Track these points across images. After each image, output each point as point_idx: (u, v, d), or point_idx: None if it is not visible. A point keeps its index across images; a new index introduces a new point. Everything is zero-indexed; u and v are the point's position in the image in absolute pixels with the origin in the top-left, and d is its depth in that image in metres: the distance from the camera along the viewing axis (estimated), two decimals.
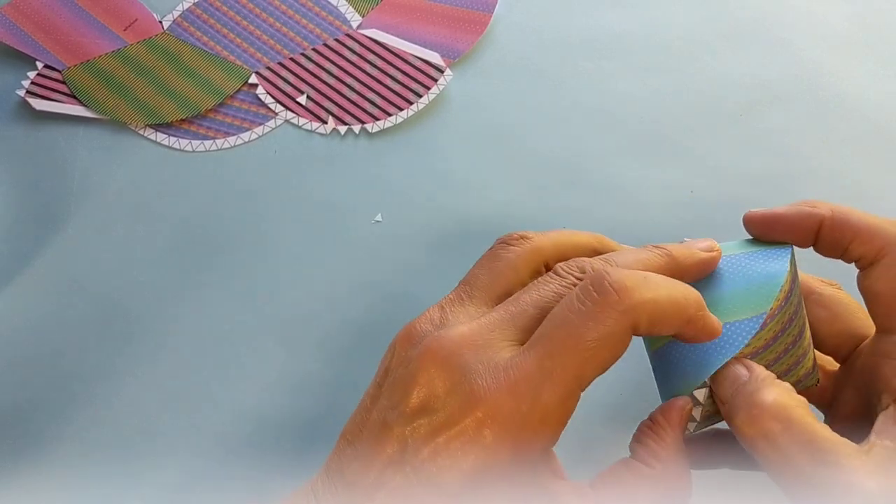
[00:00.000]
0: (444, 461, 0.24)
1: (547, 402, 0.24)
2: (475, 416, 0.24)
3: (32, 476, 0.37)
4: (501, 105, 0.49)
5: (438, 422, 0.25)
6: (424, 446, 0.25)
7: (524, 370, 0.24)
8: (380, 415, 0.26)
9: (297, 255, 0.44)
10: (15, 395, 0.39)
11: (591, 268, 0.27)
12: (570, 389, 0.24)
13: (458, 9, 0.53)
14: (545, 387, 0.24)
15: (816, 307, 0.31)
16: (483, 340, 0.26)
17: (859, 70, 0.51)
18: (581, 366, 0.24)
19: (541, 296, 0.27)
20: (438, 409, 0.25)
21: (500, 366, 0.25)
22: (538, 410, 0.24)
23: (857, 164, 0.47)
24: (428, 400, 0.25)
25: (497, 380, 0.24)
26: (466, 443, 0.24)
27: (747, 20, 0.53)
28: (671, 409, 0.28)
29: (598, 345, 0.24)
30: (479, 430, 0.24)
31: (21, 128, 0.48)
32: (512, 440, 0.24)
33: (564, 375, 0.24)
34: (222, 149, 0.48)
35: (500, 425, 0.24)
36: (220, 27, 0.53)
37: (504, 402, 0.24)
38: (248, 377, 0.40)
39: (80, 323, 0.42)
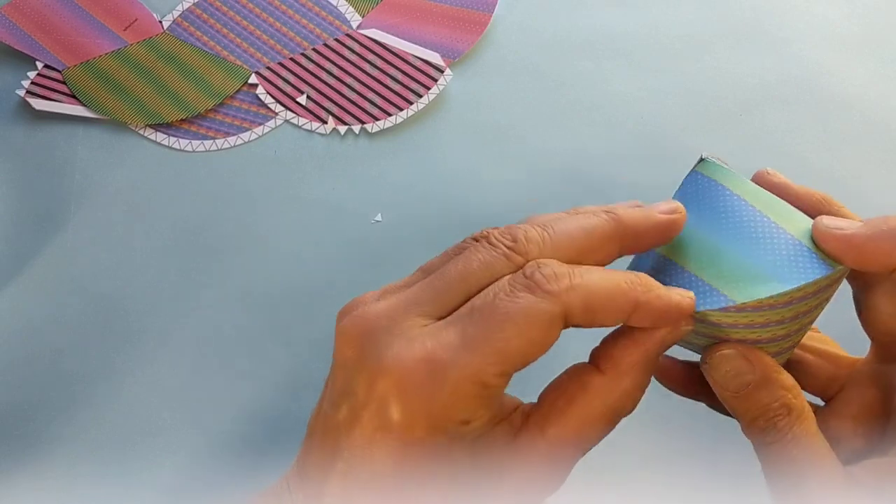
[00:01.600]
0: (368, 443, 0.23)
1: (464, 374, 0.23)
2: (382, 389, 0.23)
3: (32, 476, 0.37)
4: (501, 105, 0.49)
5: (357, 403, 0.24)
6: (352, 430, 0.24)
7: (441, 340, 0.23)
8: (323, 403, 0.26)
9: (297, 255, 0.44)
10: (15, 395, 0.39)
11: (525, 237, 0.25)
12: (490, 363, 0.23)
13: (458, 9, 0.53)
14: (463, 357, 0.23)
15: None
16: (401, 315, 0.24)
17: (859, 70, 0.51)
18: (505, 341, 0.23)
19: (467, 267, 0.25)
20: (355, 389, 0.24)
21: (415, 337, 0.23)
22: (452, 382, 0.23)
23: (857, 164, 0.47)
24: (346, 381, 0.24)
25: (409, 350, 0.23)
26: (380, 421, 0.23)
27: (747, 20, 0.53)
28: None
29: (526, 322, 0.23)
30: (386, 406, 0.23)
31: (21, 128, 0.48)
32: (425, 414, 0.23)
33: (485, 349, 0.23)
34: (222, 149, 0.48)
35: (408, 397, 0.23)
36: (220, 27, 0.53)
37: (413, 373, 0.23)
38: (248, 377, 0.40)
39: (80, 323, 0.42)
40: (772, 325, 0.26)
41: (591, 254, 0.26)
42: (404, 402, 0.23)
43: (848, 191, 0.46)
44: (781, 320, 0.26)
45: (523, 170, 0.47)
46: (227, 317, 0.42)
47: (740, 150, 0.47)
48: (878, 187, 0.46)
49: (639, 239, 0.26)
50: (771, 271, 0.27)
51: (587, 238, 0.26)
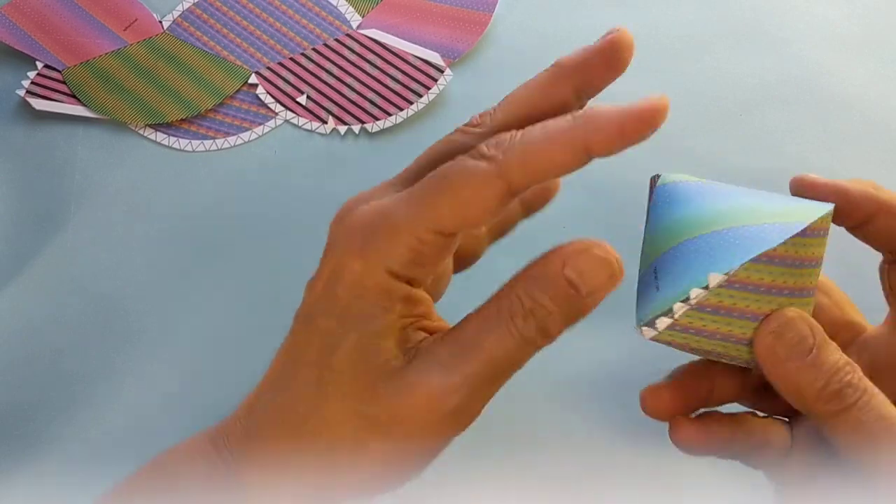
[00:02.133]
0: (315, 298, 0.27)
1: (397, 221, 0.24)
2: (343, 255, 0.26)
3: (32, 476, 0.37)
4: None
5: (320, 268, 0.27)
6: (308, 294, 0.27)
7: (392, 199, 0.25)
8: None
9: (297, 255, 0.44)
10: (15, 395, 0.39)
11: (490, 117, 0.28)
12: (424, 214, 0.24)
13: (458, 9, 0.53)
14: (399, 207, 0.25)
15: (819, 294, 0.30)
16: (370, 195, 0.27)
17: (859, 70, 0.51)
18: (437, 192, 0.24)
19: (433, 146, 0.27)
20: (323, 261, 0.27)
21: (372, 205, 0.26)
22: (386, 229, 0.25)
23: (857, 164, 0.47)
24: (329, 246, 0.28)
25: (367, 208, 0.26)
26: (330, 274, 0.26)
27: (747, 20, 0.53)
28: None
29: (460, 181, 0.24)
30: (345, 268, 0.26)
31: (21, 128, 0.48)
32: (362, 257, 0.25)
33: (422, 203, 0.24)
34: (222, 149, 0.48)
35: (357, 259, 0.25)
36: (220, 27, 0.53)
37: (362, 220, 0.26)
38: (248, 377, 0.40)
39: (80, 323, 0.41)
40: (776, 290, 0.26)
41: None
42: (349, 244, 0.26)
43: None
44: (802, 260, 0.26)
45: None
46: (227, 317, 0.42)
47: (740, 150, 0.47)
48: None
49: (607, 130, 0.26)
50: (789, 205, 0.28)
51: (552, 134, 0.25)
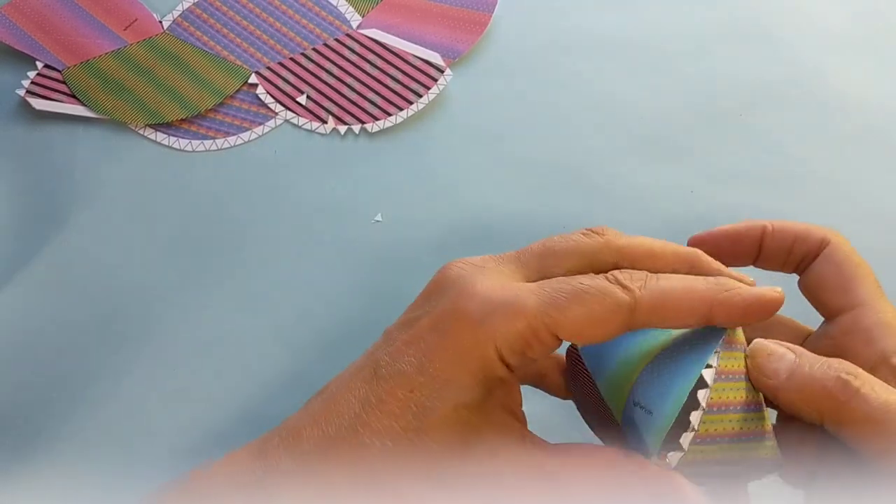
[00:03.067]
0: (412, 349, 0.26)
1: (521, 308, 0.25)
2: (453, 313, 0.26)
3: (32, 476, 0.37)
4: (501, 105, 0.49)
5: (422, 318, 0.27)
6: (400, 338, 0.27)
7: (518, 283, 0.26)
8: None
9: (297, 255, 0.44)
10: (15, 395, 0.39)
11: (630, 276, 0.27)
12: (548, 314, 0.25)
13: (458, 9, 0.53)
14: (527, 297, 0.26)
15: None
16: (482, 262, 0.28)
17: (859, 70, 0.51)
18: (569, 300, 0.25)
19: (560, 245, 0.28)
20: (426, 311, 0.27)
21: (496, 278, 0.27)
22: (508, 311, 0.25)
23: (857, 164, 0.47)
24: (420, 307, 0.28)
25: (488, 283, 0.26)
26: (434, 330, 0.26)
27: (747, 20, 0.53)
28: None
29: (594, 298, 0.25)
30: (450, 327, 0.26)
31: (21, 128, 0.48)
32: (475, 326, 0.26)
33: (551, 299, 0.25)
34: (222, 149, 0.48)
35: (469, 324, 0.26)
36: (220, 27, 0.53)
37: (480, 304, 0.26)
38: (248, 377, 0.40)
39: (79, 323, 0.41)
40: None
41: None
42: (465, 310, 0.26)
43: (848, 191, 0.46)
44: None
45: (523, 169, 0.47)
46: (227, 317, 0.42)
47: (740, 150, 0.47)
48: (878, 187, 0.46)
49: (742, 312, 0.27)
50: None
51: (685, 293, 0.27)
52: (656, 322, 0.26)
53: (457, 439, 0.26)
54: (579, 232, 0.29)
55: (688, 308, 0.26)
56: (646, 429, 0.27)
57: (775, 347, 0.27)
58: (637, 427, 0.27)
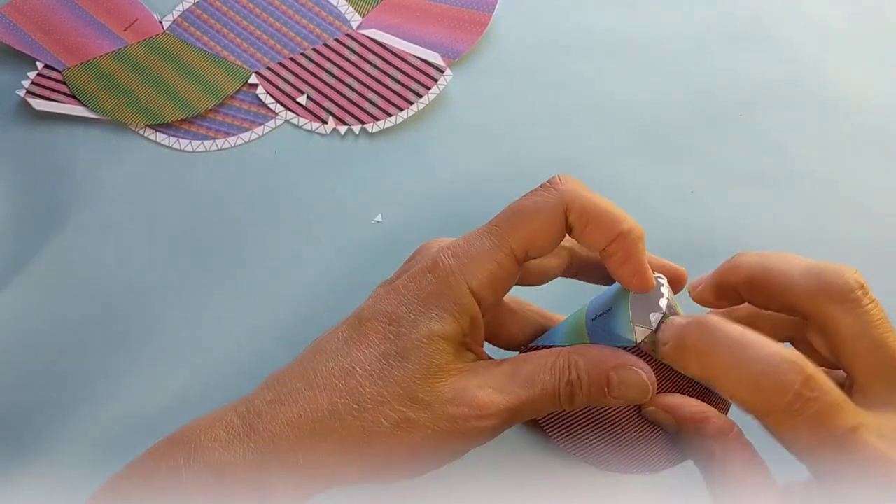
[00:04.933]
0: (393, 295, 0.30)
1: (481, 245, 0.30)
2: (427, 265, 0.30)
3: (32, 476, 0.37)
4: (501, 105, 0.49)
5: (402, 273, 0.32)
6: (382, 290, 0.31)
7: (473, 232, 0.31)
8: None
9: (297, 255, 0.44)
10: (15, 395, 0.39)
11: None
12: (502, 241, 0.30)
13: (458, 9, 0.53)
14: (482, 235, 0.30)
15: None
16: (463, 236, 0.31)
17: (859, 70, 0.51)
18: (513, 223, 0.30)
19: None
20: (405, 269, 0.32)
21: (462, 241, 0.31)
22: (471, 250, 0.30)
23: (857, 164, 0.47)
24: (400, 270, 0.32)
25: (450, 242, 0.31)
26: (413, 277, 0.30)
27: (747, 20, 0.53)
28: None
29: (532, 209, 0.30)
30: (426, 274, 0.30)
31: (21, 128, 0.48)
32: (445, 272, 0.29)
33: (499, 228, 0.30)
34: (222, 149, 0.48)
35: (441, 269, 0.30)
36: (220, 27, 0.53)
37: (449, 254, 0.30)
38: (248, 377, 0.40)
39: (80, 323, 0.42)
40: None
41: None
42: (434, 260, 0.30)
43: (848, 191, 0.46)
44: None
45: (523, 169, 0.47)
46: (227, 317, 0.42)
47: (740, 150, 0.47)
48: (879, 187, 0.46)
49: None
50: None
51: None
52: (577, 228, 0.30)
53: (431, 365, 0.28)
54: (539, 187, 0.32)
55: (605, 223, 0.29)
56: (610, 329, 0.31)
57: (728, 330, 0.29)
58: (604, 335, 0.31)
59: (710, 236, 0.44)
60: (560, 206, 0.30)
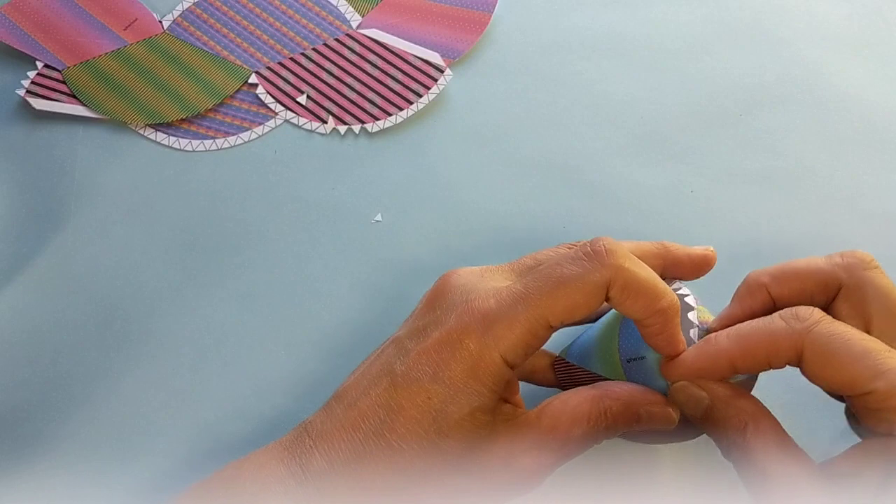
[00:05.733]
0: (426, 360, 0.29)
1: (517, 315, 0.29)
2: (459, 329, 0.29)
3: (32, 476, 0.37)
4: (501, 105, 0.49)
5: (431, 329, 0.30)
6: (414, 349, 0.30)
7: (509, 289, 0.29)
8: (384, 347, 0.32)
9: (297, 255, 0.44)
10: (15, 394, 0.39)
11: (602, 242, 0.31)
12: (540, 313, 0.29)
13: (458, 9, 0.53)
14: (519, 303, 0.29)
15: None
16: (487, 276, 0.31)
17: (859, 70, 0.51)
18: (554, 295, 0.29)
19: (547, 255, 0.32)
20: (434, 321, 0.30)
21: (492, 287, 0.30)
22: (507, 320, 0.29)
23: (857, 164, 0.47)
24: (427, 315, 0.31)
25: (486, 294, 0.30)
26: (445, 343, 0.29)
27: (747, 20, 0.53)
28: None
29: (574, 283, 0.29)
30: (459, 342, 0.29)
31: (21, 128, 0.48)
32: (481, 339, 0.29)
33: (539, 299, 0.29)
34: (222, 149, 0.48)
35: (476, 340, 0.29)
36: (220, 27, 0.53)
37: (483, 319, 0.29)
38: (248, 377, 0.40)
39: (79, 323, 0.42)
40: None
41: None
42: (467, 322, 0.29)
43: (848, 191, 0.46)
44: None
45: (523, 169, 0.47)
46: (227, 317, 0.42)
47: (740, 150, 0.47)
48: (878, 187, 0.46)
49: (677, 264, 0.34)
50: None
51: (637, 248, 0.33)
52: (618, 300, 0.29)
53: (475, 437, 0.29)
54: (565, 245, 0.32)
55: (643, 297, 0.29)
56: (645, 373, 0.31)
57: (692, 392, 0.30)
58: (638, 377, 0.31)
59: (709, 236, 0.44)
60: (604, 283, 0.29)
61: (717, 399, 0.30)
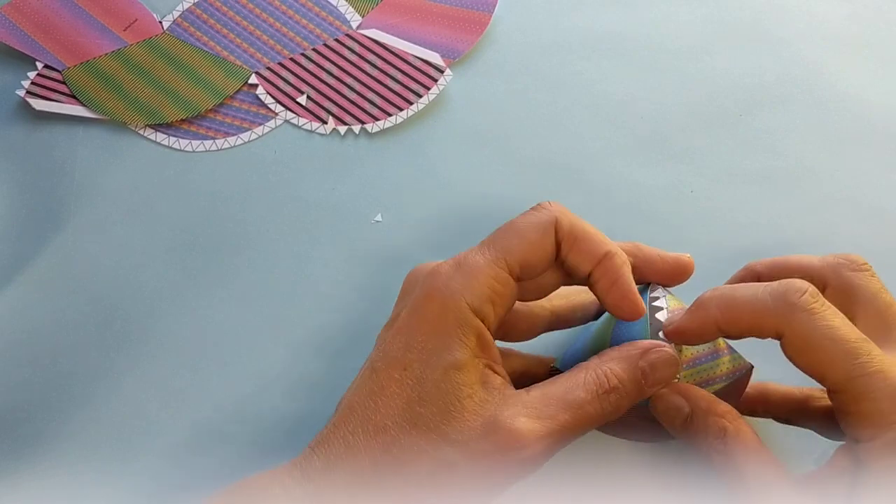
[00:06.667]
0: (399, 337, 0.30)
1: (475, 262, 0.30)
2: (423, 294, 0.30)
3: (32, 476, 0.37)
4: (501, 105, 0.49)
5: (401, 311, 0.31)
6: (388, 335, 0.30)
7: (467, 250, 0.31)
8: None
9: (297, 255, 0.44)
10: (15, 395, 0.39)
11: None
12: (496, 255, 0.30)
13: (458, 9, 0.53)
14: (476, 253, 0.30)
15: None
16: (452, 258, 0.31)
17: (859, 70, 0.51)
18: (507, 238, 0.30)
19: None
20: (403, 304, 0.31)
21: (452, 257, 0.31)
22: (465, 268, 0.30)
23: (857, 164, 0.47)
24: (398, 304, 0.32)
25: (446, 263, 0.31)
26: (412, 313, 0.30)
27: (747, 20, 0.53)
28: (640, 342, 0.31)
29: (524, 225, 0.31)
30: (424, 304, 0.30)
31: (21, 128, 0.48)
32: (442, 293, 0.29)
33: (494, 244, 0.30)
34: (222, 149, 0.48)
35: (438, 294, 0.30)
36: (220, 27, 0.53)
37: (444, 276, 0.30)
38: (248, 377, 0.40)
39: (79, 323, 0.42)
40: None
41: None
42: (435, 298, 0.30)
43: (848, 191, 0.46)
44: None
45: (523, 169, 0.47)
46: (227, 317, 0.42)
47: (740, 150, 0.47)
48: (878, 187, 0.46)
49: (651, 264, 0.34)
50: None
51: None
52: (567, 244, 0.31)
53: (454, 399, 0.28)
54: (529, 209, 0.32)
55: (595, 240, 0.31)
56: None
57: (673, 401, 0.31)
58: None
59: (709, 236, 0.44)
60: (550, 222, 0.31)
61: (697, 407, 0.30)
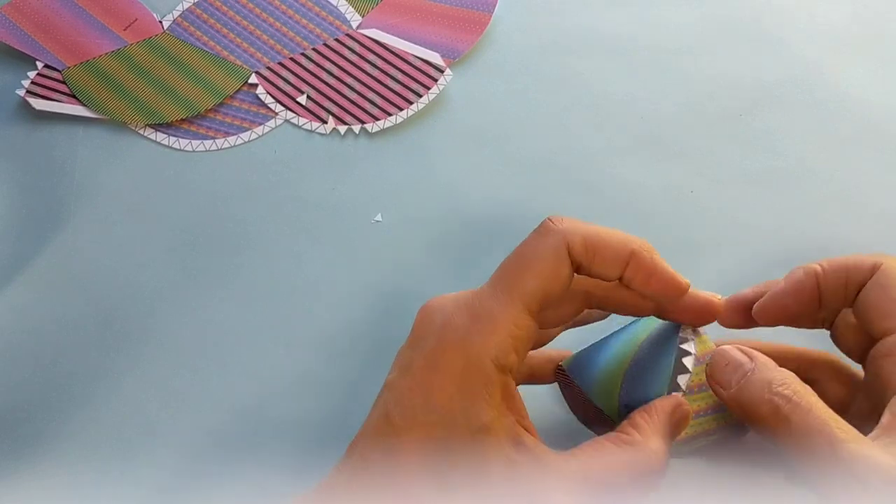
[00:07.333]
0: (417, 391, 0.27)
1: (492, 311, 0.27)
2: (441, 348, 0.27)
3: (32, 476, 0.37)
4: (501, 105, 0.49)
5: (416, 360, 0.28)
6: (404, 385, 0.28)
7: (478, 293, 0.28)
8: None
9: (297, 255, 0.44)
10: (15, 395, 0.39)
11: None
12: (513, 299, 0.27)
13: (458, 9, 0.53)
14: (490, 299, 0.28)
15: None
16: (462, 294, 0.29)
17: (859, 70, 0.51)
18: (521, 276, 0.28)
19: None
20: (418, 351, 0.28)
21: (463, 298, 0.28)
22: (484, 320, 0.27)
23: (857, 164, 0.47)
24: (411, 349, 0.29)
25: (459, 307, 0.28)
26: (430, 367, 0.27)
27: (747, 20, 0.53)
28: (665, 399, 0.30)
29: (534, 256, 0.28)
30: (443, 359, 0.27)
31: (21, 128, 0.48)
32: (462, 349, 0.27)
33: (508, 287, 0.28)
34: (222, 149, 0.48)
35: (458, 351, 0.27)
36: (220, 27, 0.53)
37: (461, 330, 0.27)
38: (248, 377, 0.40)
39: (79, 323, 0.42)
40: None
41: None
42: (451, 341, 0.27)
43: (848, 191, 0.46)
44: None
45: (523, 169, 0.47)
46: (227, 317, 0.42)
47: (740, 150, 0.47)
48: (878, 187, 0.46)
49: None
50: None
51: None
52: (585, 263, 0.28)
53: (485, 465, 0.26)
54: (533, 232, 0.30)
55: (612, 250, 0.28)
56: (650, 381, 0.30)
57: (734, 356, 0.29)
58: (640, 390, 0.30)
59: (709, 236, 0.44)
60: (562, 246, 0.28)
61: (761, 362, 0.28)
